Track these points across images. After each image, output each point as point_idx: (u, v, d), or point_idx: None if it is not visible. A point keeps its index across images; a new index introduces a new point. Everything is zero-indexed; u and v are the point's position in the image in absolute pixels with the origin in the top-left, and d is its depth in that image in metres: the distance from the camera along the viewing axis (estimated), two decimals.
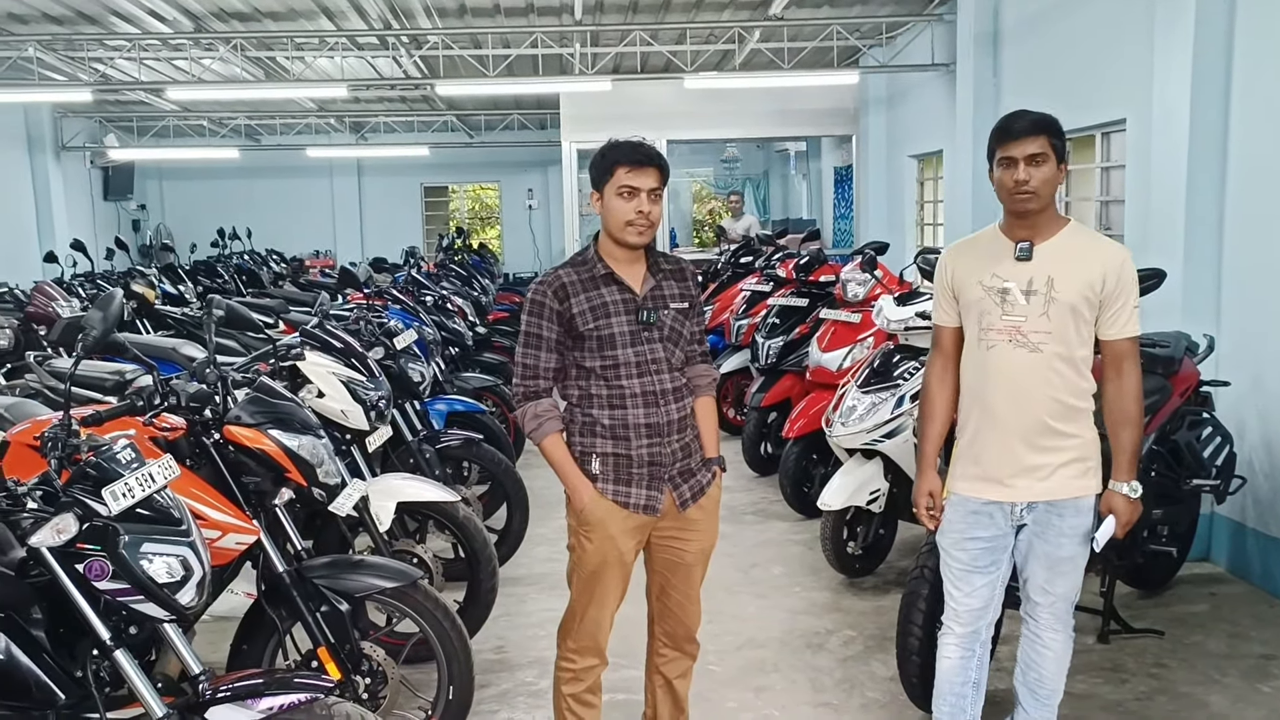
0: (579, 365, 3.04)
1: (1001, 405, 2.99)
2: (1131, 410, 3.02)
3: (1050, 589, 3.11)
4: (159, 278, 10.70)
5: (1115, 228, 6.94)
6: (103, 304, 2.57)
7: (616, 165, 2.97)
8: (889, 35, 11.31)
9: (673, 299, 3.09)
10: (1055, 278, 2.91)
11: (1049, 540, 3.04)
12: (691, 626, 3.31)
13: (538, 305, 3.01)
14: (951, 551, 3.14)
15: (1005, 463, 3.01)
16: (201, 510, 3.06)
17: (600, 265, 3.04)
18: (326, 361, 4.39)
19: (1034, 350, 2.93)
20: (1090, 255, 2.94)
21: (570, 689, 3.19)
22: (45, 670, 2.24)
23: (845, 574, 5.24)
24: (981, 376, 3.03)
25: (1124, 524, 3.04)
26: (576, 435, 3.08)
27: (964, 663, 3.17)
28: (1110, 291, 2.93)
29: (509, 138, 17.91)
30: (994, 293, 2.98)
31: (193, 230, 16.44)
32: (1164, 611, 4.76)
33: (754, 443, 7.20)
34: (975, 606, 3.13)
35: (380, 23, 10.28)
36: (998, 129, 2.96)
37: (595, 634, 3.16)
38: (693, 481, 3.13)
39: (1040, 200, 2.91)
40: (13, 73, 11.22)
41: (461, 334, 7.56)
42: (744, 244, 9.98)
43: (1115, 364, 3.01)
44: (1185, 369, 4.69)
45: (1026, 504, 3.03)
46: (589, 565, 3.09)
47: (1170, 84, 5.52)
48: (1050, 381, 2.94)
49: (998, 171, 2.96)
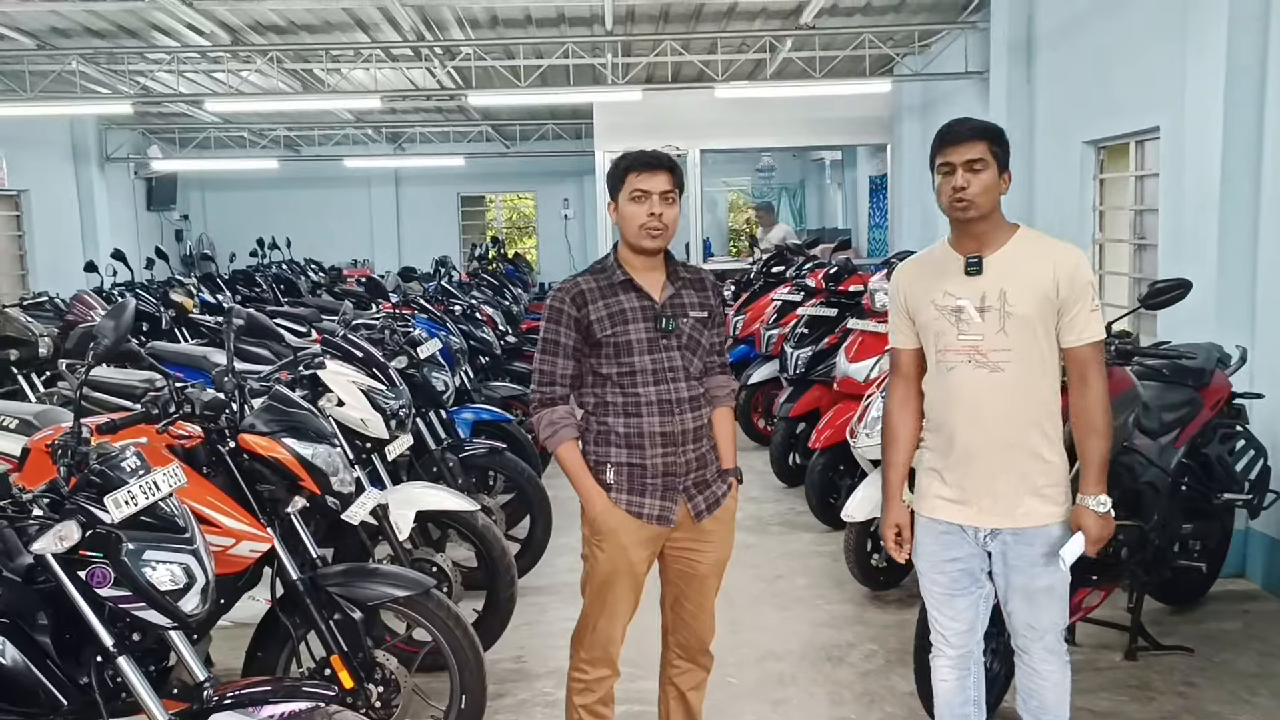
0: (595, 372, 3.05)
1: (963, 429, 2.86)
2: (1097, 420, 2.84)
3: (1035, 624, 2.96)
4: (198, 287, 10.85)
5: (1150, 237, 6.84)
6: (114, 313, 2.60)
7: (627, 172, 3.00)
8: (922, 43, 11.23)
9: (692, 307, 3.09)
10: (1007, 290, 2.78)
11: (1022, 572, 2.89)
12: (705, 638, 3.29)
13: (555, 311, 3.03)
14: (930, 575, 3.03)
15: (968, 486, 2.88)
16: (216, 518, 3.09)
17: (619, 272, 3.05)
18: (347, 370, 4.42)
19: (995, 370, 2.80)
20: (1040, 261, 2.80)
21: (582, 699, 3.19)
22: (50, 676, 2.27)
23: (869, 586, 5.19)
24: (943, 399, 2.90)
25: (1094, 540, 2.83)
26: (591, 444, 3.08)
27: (960, 684, 3.08)
28: (1065, 297, 2.77)
29: (544, 148, 17.99)
30: (948, 312, 2.84)
31: (234, 240, 16.65)
32: (1194, 628, 4.67)
33: (782, 453, 7.17)
34: (962, 629, 3.03)
35: (413, 34, 10.37)
36: (938, 135, 2.85)
37: (607, 645, 3.15)
38: (708, 493, 3.12)
39: (980, 209, 2.78)
40: (57, 86, 11.44)
41: (490, 343, 7.57)
42: (776, 254, 9.94)
43: (1079, 372, 2.84)
44: (1216, 381, 4.60)
45: (990, 530, 2.89)
46: (600, 575, 3.09)
47: (1203, 91, 5.43)
48: (1014, 403, 2.81)
49: (938, 179, 2.84)
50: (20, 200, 13.87)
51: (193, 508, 2.77)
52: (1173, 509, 4.31)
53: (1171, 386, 4.44)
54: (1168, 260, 5.99)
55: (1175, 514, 4.35)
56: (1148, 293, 4.28)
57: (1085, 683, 4.15)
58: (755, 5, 10.18)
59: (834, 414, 6.01)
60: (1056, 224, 8.04)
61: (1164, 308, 4.22)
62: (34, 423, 4.27)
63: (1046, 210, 8.24)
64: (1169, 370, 4.45)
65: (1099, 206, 7.59)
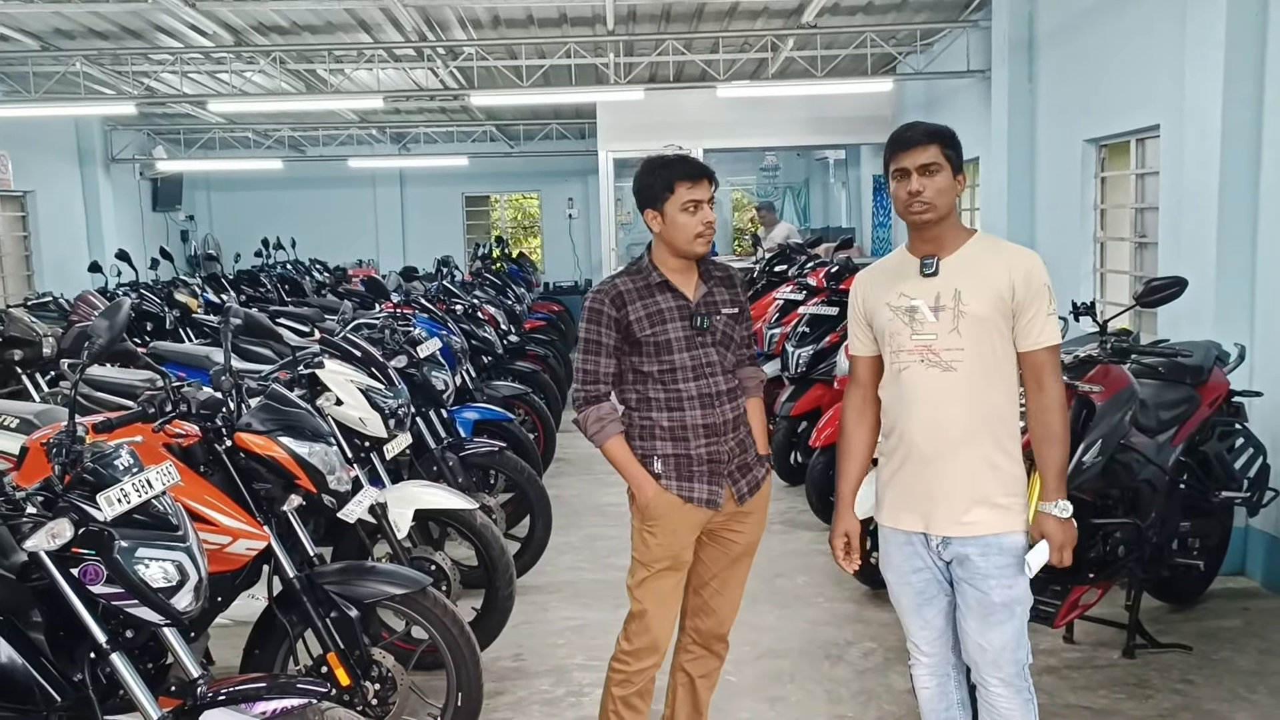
0: (636, 370, 3.16)
1: (916, 429, 2.80)
2: (1055, 425, 2.78)
3: (986, 644, 2.80)
4: (202, 287, 10.89)
5: (1150, 235, 6.84)
6: (109, 313, 2.62)
7: (676, 182, 3.09)
8: (924, 42, 11.22)
9: (724, 304, 3.21)
10: (962, 290, 2.75)
11: (976, 585, 2.79)
12: (724, 622, 3.37)
13: (596, 313, 3.13)
14: (898, 586, 2.98)
15: (921, 492, 2.81)
16: (213, 516, 3.10)
17: (655, 274, 3.17)
18: (345, 370, 4.44)
19: (947, 369, 2.75)
20: (996, 263, 2.76)
21: (621, 691, 3.25)
22: (44, 673, 2.28)
23: (868, 585, 5.19)
24: (897, 400, 2.85)
25: (1058, 546, 2.75)
26: (636, 439, 3.18)
27: (941, 689, 3.04)
28: (1021, 299, 2.73)
29: (548, 147, 18.01)
30: (902, 312, 2.82)
31: (239, 240, 16.67)
32: (1193, 626, 4.67)
33: (783, 452, 7.16)
34: (933, 637, 2.97)
35: (416, 34, 10.39)
36: (890, 140, 2.83)
37: (658, 633, 3.22)
38: (750, 476, 3.25)
39: (937, 211, 2.75)
40: (61, 87, 11.48)
41: (492, 342, 7.59)
42: (778, 252, 9.94)
43: (1035, 377, 2.79)
44: (1214, 379, 4.60)
45: (942, 538, 2.81)
46: (655, 562, 3.17)
47: (1202, 89, 5.43)
48: (967, 404, 2.76)
49: (893, 184, 2.81)
50: (26, 201, 13.90)
51: (189, 506, 2.79)
52: (1171, 507, 4.31)
53: (1169, 384, 4.45)
54: (1167, 258, 5.99)
55: (1173, 512, 4.35)
56: (1144, 290, 4.29)
57: (1083, 680, 4.17)
58: (757, 4, 10.18)
59: (834, 413, 6.01)
60: (1058, 222, 8.04)
61: (1160, 305, 4.23)
62: (34, 422, 4.29)
63: (1048, 208, 8.24)
64: (1166, 368, 4.45)
65: (1100, 204, 7.58)
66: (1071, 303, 4.86)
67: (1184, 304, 4.60)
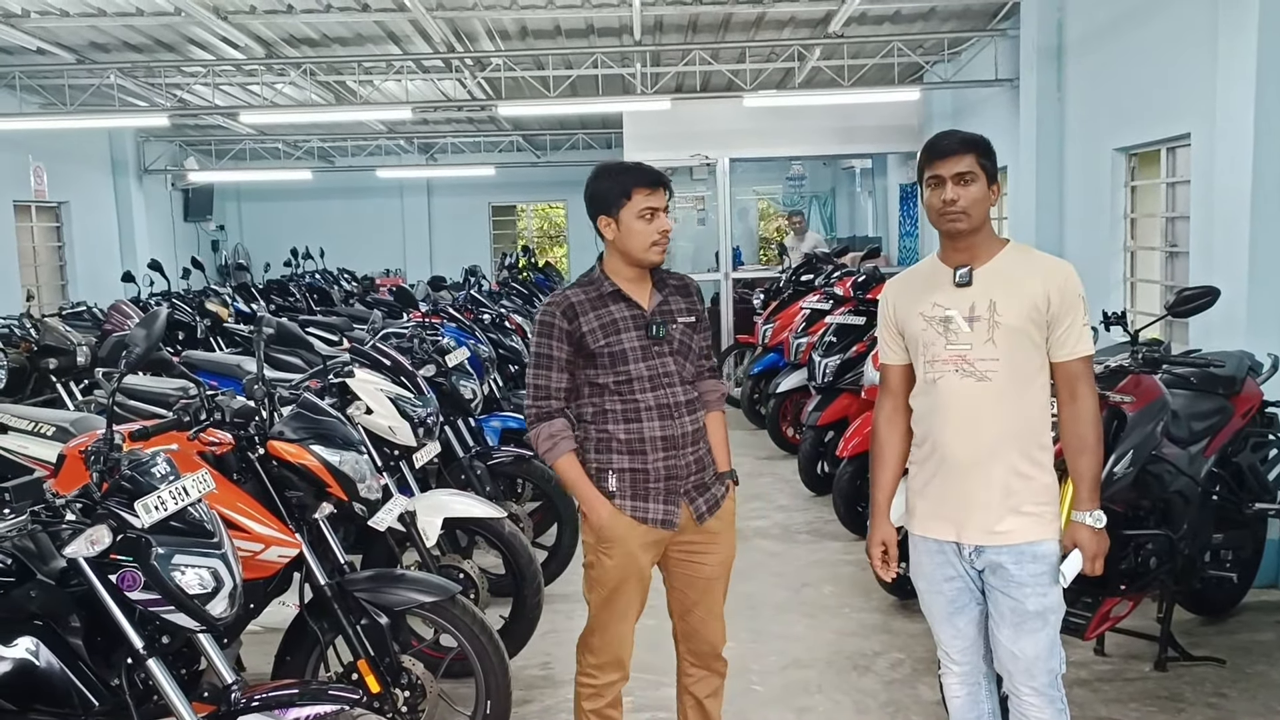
0: (592, 383, 3.08)
1: (950, 438, 2.80)
2: (1088, 436, 2.79)
3: (1019, 652, 2.80)
4: (233, 297, 11.02)
5: (1181, 244, 6.78)
6: (146, 322, 2.66)
7: (634, 189, 3.03)
8: (952, 51, 11.19)
9: (680, 313, 3.15)
10: (997, 301, 2.75)
11: (1010, 593, 2.78)
12: (716, 644, 3.30)
13: (547, 326, 3.06)
14: (930, 594, 2.97)
15: (953, 501, 2.81)
16: (246, 523, 3.14)
17: (607, 283, 3.10)
18: (375, 379, 4.47)
19: (981, 379, 2.76)
20: (1031, 274, 2.77)
21: (592, 704, 3.21)
22: (82, 678, 2.31)
23: (896, 595, 5.16)
24: (930, 409, 2.85)
25: (1091, 556, 2.77)
26: (592, 452, 3.11)
27: (972, 698, 3.03)
28: (1056, 310, 2.74)
29: (574, 157, 18.06)
30: (936, 322, 2.81)
31: (269, 250, 16.85)
32: (1227, 639, 4.62)
33: (810, 461, 7.14)
34: (964, 646, 2.97)
35: (444, 46, 10.48)
36: (925, 147, 2.83)
37: (618, 649, 3.17)
38: (708, 495, 3.16)
39: (971, 221, 2.75)
40: (95, 99, 11.65)
41: (519, 352, 7.61)
42: (805, 262, 9.93)
43: (1069, 387, 2.80)
44: (1248, 389, 4.56)
45: (975, 546, 2.81)
46: (609, 582, 3.10)
47: (1234, 97, 5.40)
48: (1001, 414, 2.76)
49: (927, 193, 2.81)
50: (60, 211, 14.11)
51: (223, 513, 2.82)
52: (1203, 518, 4.26)
53: (1202, 395, 4.40)
54: (1199, 268, 5.94)
55: (1206, 523, 4.31)
56: (1175, 300, 4.26)
57: (1114, 693, 4.13)
58: (784, 14, 10.20)
59: (862, 422, 5.99)
60: (1087, 231, 7.99)
61: (1192, 315, 4.19)
62: (70, 430, 4.36)
63: (1077, 217, 8.19)
64: (1198, 378, 4.41)
65: (1130, 214, 7.53)
66: (1102, 312, 4.83)
67: (1216, 314, 4.57)
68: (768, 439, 8.55)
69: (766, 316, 9.40)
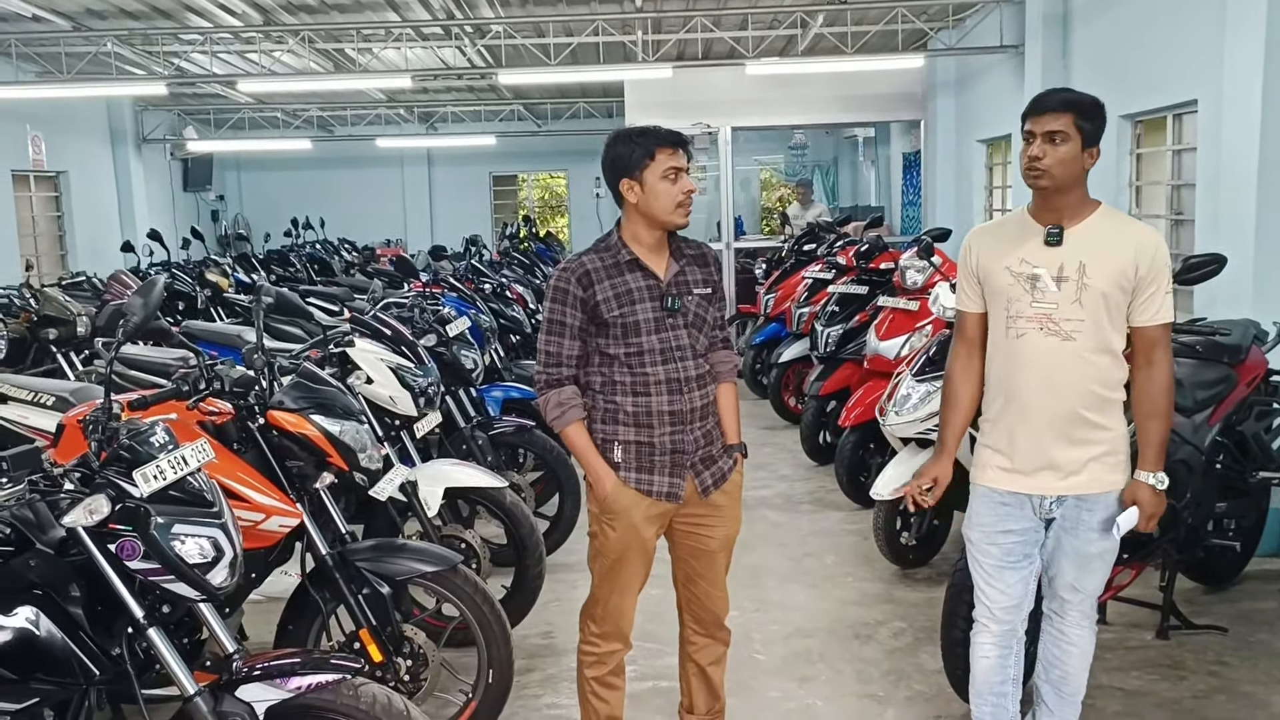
0: (602, 352, 3.04)
1: (1031, 395, 2.88)
2: (1161, 401, 2.90)
3: (1080, 586, 3.03)
4: (233, 267, 10.98)
5: (1187, 212, 6.74)
6: (143, 291, 2.63)
7: (658, 149, 2.97)
8: (956, 17, 11.09)
9: (696, 284, 3.09)
10: (1087, 263, 2.79)
11: (1079, 536, 2.95)
12: (719, 613, 3.30)
13: (561, 292, 3.01)
14: (982, 546, 3.04)
15: (1033, 455, 2.91)
16: (246, 493, 3.13)
17: (625, 251, 3.03)
18: (376, 349, 4.45)
19: (1066, 339, 2.82)
20: (1122, 240, 2.82)
21: (594, 672, 3.21)
22: (82, 647, 2.30)
23: (898, 565, 5.18)
24: (1010, 366, 2.92)
25: (1148, 515, 2.92)
26: (599, 423, 3.07)
27: (1001, 661, 3.09)
28: (1144, 277, 2.80)
29: (575, 126, 17.95)
30: (1023, 279, 2.86)
31: (269, 220, 16.79)
32: (1229, 608, 4.62)
33: (812, 431, 7.14)
34: (1009, 604, 3.03)
35: (443, 13, 10.38)
36: (1030, 101, 2.86)
37: (619, 620, 3.17)
38: (714, 468, 3.13)
39: (1054, 180, 2.78)
40: (93, 68, 11.56)
41: (520, 321, 7.59)
42: (807, 231, 9.88)
43: (1146, 352, 2.89)
44: (1253, 358, 4.53)
45: (1056, 498, 2.93)
46: (612, 553, 3.09)
47: (1242, 64, 5.34)
48: (1083, 372, 2.84)
49: (1023, 145, 2.85)
50: (59, 181, 14.05)
51: (223, 483, 2.81)
52: (1207, 487, 4.25)
53: (1206, 363, 4.38)
54: (1205, 236, 5.91)
55: (1209, 492, 4.30)
56: (1181, 268, 4.23)
57: (1116, 661, 4.13)
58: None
59: (864, 392, 5.98)
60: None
61: (1198, 283, 4.17)
62: (70, 399, 4.35)
63: None
64: (1204, 347, 4.39)
65: (1135, 181, 7.48)
66: None
67: (1222, 282, 4.54)
68: (770, 409, 8.53)
69: (769, 286, 9.36)
